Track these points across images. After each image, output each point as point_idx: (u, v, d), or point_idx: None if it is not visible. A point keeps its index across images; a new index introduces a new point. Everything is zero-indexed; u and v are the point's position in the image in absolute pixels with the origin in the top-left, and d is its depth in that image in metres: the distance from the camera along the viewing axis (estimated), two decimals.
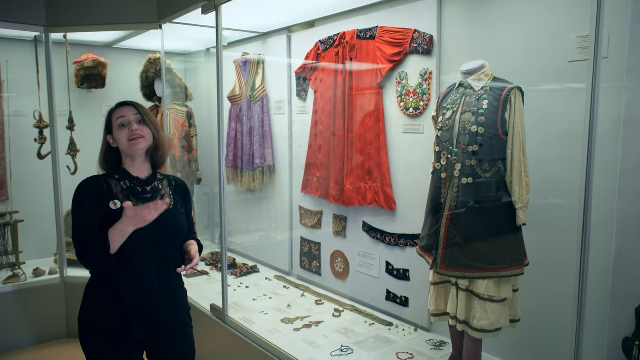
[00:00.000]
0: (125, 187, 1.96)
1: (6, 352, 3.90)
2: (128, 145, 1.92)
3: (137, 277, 1.91)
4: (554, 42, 2.37)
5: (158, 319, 1.98)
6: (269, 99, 4.24)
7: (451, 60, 2.82)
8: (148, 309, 1.94)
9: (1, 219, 4.13)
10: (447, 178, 2.33)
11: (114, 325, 1.89)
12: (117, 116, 1.95)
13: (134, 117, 1.95)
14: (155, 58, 4.50)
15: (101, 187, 1.92)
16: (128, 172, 1.98)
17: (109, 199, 1.89)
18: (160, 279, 1.98)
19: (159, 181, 2.06)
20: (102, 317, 1.90)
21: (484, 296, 2.24)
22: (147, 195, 1.99)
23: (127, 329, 1.90)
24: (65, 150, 4.23)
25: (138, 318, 1.92)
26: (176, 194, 2.10)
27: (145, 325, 1.94)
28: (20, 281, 4.05)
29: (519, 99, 2.19)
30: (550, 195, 2.42)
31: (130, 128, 1.92)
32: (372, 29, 3.17)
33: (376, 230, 3.33)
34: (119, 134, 1.93)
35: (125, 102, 2.00)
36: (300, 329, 3.13)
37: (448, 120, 2.32)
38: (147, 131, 1.96)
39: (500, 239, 2.24)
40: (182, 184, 2.17)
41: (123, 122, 1.94)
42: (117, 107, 1.99)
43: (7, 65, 4.36)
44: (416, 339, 2.98)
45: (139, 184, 1.99)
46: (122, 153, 1.99)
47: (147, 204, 1.78)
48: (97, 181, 1.94)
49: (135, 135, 1.92)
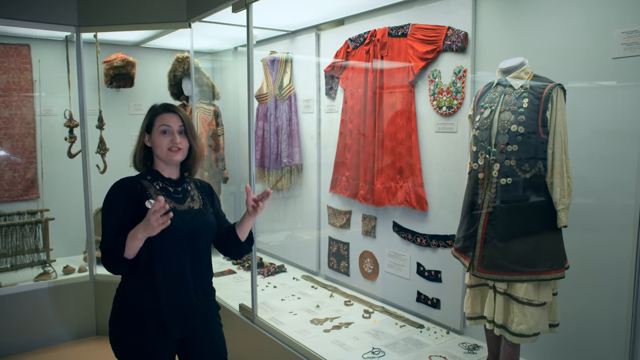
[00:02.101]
0: (158, 187, 1.97)
1: (37, 348, 3.96)
2: (166, 153, 1.94)
3: (175, 276, 1.92)
4: (595, 38, 2.28)
5: (194, 318, 1.99)
6: (297, 98, 4.22)
7: (486, 57, 2.75)
8: (185, 307, 1.94)
9: (33, 216, 4.19)
10: (484, 178, 2.27)
11: (152, 326, 1.88)
12: (161, 122, 1.94)
13: (177, 128, 1.95)
14: (183, 57, 4.52)
15: (135, 189, 1.92)
16: (160, 173, 2.00)
17: (144, 198, 1.88)
18: (195, 277, 1.99)
19: (187, 183, 2.08)
20: (139, 318, 1.89)
21: (523, 300, 2.18)
22: (179, 196, 2.00)
23: (166, 328, 1.89)
24: (94, 149, 4.27)
25: (176, 317, 1.92)
26: (203, 194, 2.12)
27: (182, 325, 1.94)
28: (51, 278, 4.10)
29: (561, 97, 2.12)
30: (590, 196, 2.34)
31: (173, 139, 1.93)
32: (404, 27, 3.12)
33: (407, 231, 3.28)
34: (160, 139, 1.94)
35: (172, 109, 1.99)
36: (330, 330, 3.10)
37: (486, 119, 2.27)
38: (186, 143, 1.98)
39: (540, 241, 2.17)
40: (206, 185, 2.19)
41: (166, 129, 1.94)
42: (163, 111, 1.98)
43: (40, 65, 4.42)
44: (448, 341, 2.93)
45: (170, 184, 2.01)
46: (155, 155, 1.99)
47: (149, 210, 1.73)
48: (130, 183, 1.94)
49: (175, 146, 1.93)
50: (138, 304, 1.89)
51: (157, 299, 1.88)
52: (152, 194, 1.92)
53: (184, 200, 2.00)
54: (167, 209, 1.69)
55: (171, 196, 1.97)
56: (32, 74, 4.45)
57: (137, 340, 1.89)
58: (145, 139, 1.99)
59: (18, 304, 3.89)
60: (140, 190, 1.92)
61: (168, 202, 1.93)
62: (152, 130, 1.97)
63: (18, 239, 4.10)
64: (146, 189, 1.93)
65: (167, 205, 1.69)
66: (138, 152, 2.00)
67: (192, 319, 1.98)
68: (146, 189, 1.93)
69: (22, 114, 4.44)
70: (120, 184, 1.94)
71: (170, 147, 1.93)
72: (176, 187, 2.01)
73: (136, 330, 1.88)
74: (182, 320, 1.94)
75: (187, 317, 1.96)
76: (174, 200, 1.97)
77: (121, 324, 1.91)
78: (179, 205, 1.96)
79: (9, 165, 4.41)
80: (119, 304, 1.95)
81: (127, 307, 1.92)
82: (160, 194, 1.93)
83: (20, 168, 4.46)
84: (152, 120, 1.96)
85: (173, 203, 1.95)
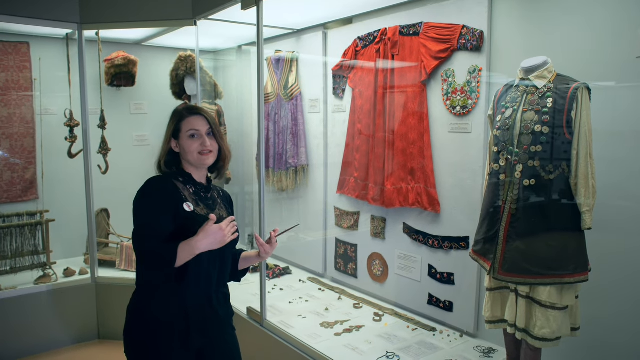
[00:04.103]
0: (192, 191, 1.90)
1: (37, 352, 3.87)
2: (197, 158, 1.88)
3: (203, 289, 1.86)
4: (617, 37, 2.24)
5: (215, 324, 1.93)
6: (303, 97, 4.16)
7: (502, 57, 2.71)
8: (208, 315, 1.88)
9: (32, 218, 4.10)
10: (506, 179, 2.22)
11: (176, 336, 1.80)
12: (190, 127, 1.87)
13: (205, 130, 1.89)
14: (185, 55, 4.43)
15: (173, 189, 1.83)
16: (192, 177, 1.93)
17: (181, 200, 1.82)
18: (218, 288, 1.94)
19: (213, 190, 2.03)
20: (163, 328, 1.79)
21: (546, 303, 2.13)
22: (209, 202, 1.95)
23: (190, 338, 1.82)
24: (96, 149, 4.18)
25: (200, 328, 1.85)
26: (224, 201, 2.07)
27: (203, 333, 1.87)
28: (52, 281, 4.02)
29: (586, 97, 2.08)
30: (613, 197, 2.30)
31: (203, 142, 1.87)
32: (416, 25, 3.08)
33: (418, 232, 3.23)
34: (189, 144, 1.87)
35: (197, 111, 1.92)
36: (341, 333, 3.05)
37: (508, 120, 2.22)
38: (216, 145, 1.92)
39: (564, 244, 2.13)
40: (227, 195, 2.15)
41: (195, 133, 1.87)
42: (189, 114, 1.90)
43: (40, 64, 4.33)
44: (462, 345, 2.89)
45: (202, 189, 1.95)
46: (185, 160, 1.92)
47: (221, 224, 1.76)
48: (167, 181, 1.85)
49: (207, 149, 1.88)
50: (163, 314, 1.80)
51: (185, 309, 1.81)
52: (187, 197, 1.85)
53: (214, 207, 1.95)
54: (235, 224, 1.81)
55: (204, 202, 1.92)
56: (31, 72, 4.36)
57: (159, 352, 1.80)
58: (173, 144, 1.91)
59: (18, 307, 3.80)
60: (176, 191, 1.84)
61: (202, 209, 1.87)
62: (179, 135, 1.89)
63: (17, 241, 4.01)
64: (181, 191, 1.85)
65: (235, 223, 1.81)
66: (162, 158, 1.92)
67: (213, 326, 1.91)
68: (181, 191, 1.85)
69: (22, 113, 4.35)
70: (159, 181, 1.84)
71: (201, 151, 1.87)
72: (206, 194, 1.96)
73: (158, 341, 1.79)
74: (204, 328, 1.87)
75: (209, 324, 1.90)
76: (206, 207, 1.91)
77: (141, 334, 1.82)
78: (211, 212, 1.90)
79: (8, 166, 4.31)
80: (138, 314, 1.84)
81: (149, 317, 1.82)
82: (194, 198, 1.88)
83: (19, 168, 4.36)
84: (178, 125, 1.89)
85: (206, 210, 1.89)
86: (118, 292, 4.00)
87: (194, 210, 1.83)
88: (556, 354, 2.41)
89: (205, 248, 1.72)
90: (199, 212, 1.85)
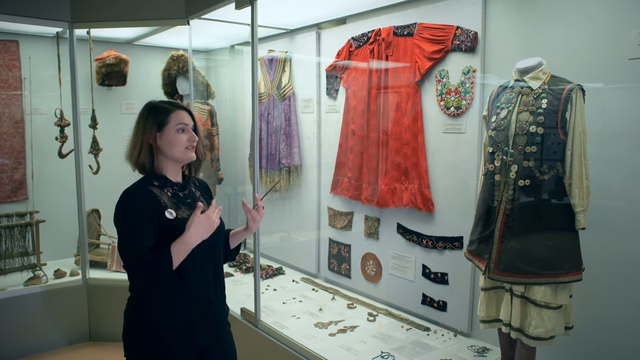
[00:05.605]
0: (170, 194, 1.85)
1: (28, 355, 3.82)
2: (184, 152, 1.85)
3: (200, 282, 1.84)
4: (610, 39, 2.27)
5: (215, 322, 1.93)
6: (296, 97, 4.15)
7: (496, 57, 2.72)
8: (209, 313, 1.88)
9: (22, 219, 4.05)
10: (501, 180, 2.24)
11: (179, 336, 1.79)
12: (179, 120, 1.84)
13: (191, 125, 1.89)
14: (178, 55, 4.41)
15: (151, 198, 1.78)
16: (167, 178, 1.88)
17: (162, 208, 1.78)
18: (215, 280, 1.93)
19: (189, 185, 1.98)
20: (165, 329, 1.78)
21: (540, 303, 2.15)
22: (189, 200, 1.90)
23: (194, 337, 1.81)
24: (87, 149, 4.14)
25: (203, 326, 1.84)
26: (204, 193, 2.05)
27: (205, 331, 1.86)
28: (42, 283, 3.97)
29: (580, 98, 2.09)
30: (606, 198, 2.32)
31: (191, 137, 1.86)
32: (410, 26, 3.08)
33: (412, 232, 3.24)
34: (177, 137, 1.83)
35: (183, 107, 1.91)
36: (335, 333, 3.05)
37: (503, 120, 2.23)
38: (198, 141, 1.92)
39: (558, 243, 2.15)
40: (204, 184, 2.12)
41: (184, 127, 1.85)
42: (176, 108, 1.87)
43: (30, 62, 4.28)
44: (457, 344, 2.90)
45: (179, 189, 1.90)
46: (164, 156, 1.85)
47: (207, 212, 1.78)
48: (144, 191, 1.79)
49: (194, 143, 1.87)
50: (164, 315, 1.77)
51: (186, 309, 1.80)
52: (167, 202, 1.81)
53: (193, 205, 1.90)
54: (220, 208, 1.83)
55: (184, 203, 1.87)
56: (20, 71, 4.31)
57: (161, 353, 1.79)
58: (151, 139, 1.83)
59: (8, 309, 3.74)
60: (154, 199, 1.79)
61: (183, 212, 1.84)
62: (163, 129, 1.84)
63: (6, 242, 3.95)
64: (159, 197, 1.80)
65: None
66: (138, 153, 1.84)
67: (214, 324, 1.91)
68: (159, 197, 1.80)
69: (10, 113, 4.29)
70: (136, 193, 1.78)
71: (187, 146, 1.85)
72: (184, 192, 1.91)
73: (161, 343, 1.77)
74: (206, 327, 1.86)
75: (211, 322, 1.89)
76: (187, 207, 1.87)
77: (142, 336, 1.79)
78: (192, 211, 1.85)
79: None
80: (139, 316, 1.81)
81: (150, 319, 1.79)
82: (173, 202, 1.83)
83: (8, 168, 4.31)
84: (166, 118, 1.83)
85: (188, 212, 1.85)
86: (109, 293, 3.97)
87: (177, 216, 1.78)
88: (550, 353, 2.43)
89: (198, 239, 1.73)
90: (181, 216, 1.80)
